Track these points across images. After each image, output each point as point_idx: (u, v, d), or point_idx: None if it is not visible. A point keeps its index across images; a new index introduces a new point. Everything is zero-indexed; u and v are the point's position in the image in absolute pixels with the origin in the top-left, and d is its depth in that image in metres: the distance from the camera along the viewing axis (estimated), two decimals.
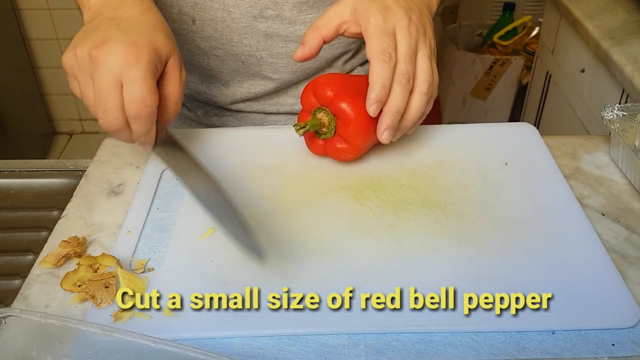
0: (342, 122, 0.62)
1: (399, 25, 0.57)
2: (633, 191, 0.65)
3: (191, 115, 0.83)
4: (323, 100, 0.62)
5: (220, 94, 0.80)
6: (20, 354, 0.44)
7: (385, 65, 0.56)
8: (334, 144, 0.64)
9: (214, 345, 0.48)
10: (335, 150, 0.64)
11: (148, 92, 0.53)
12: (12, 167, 0.70)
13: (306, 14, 0.73)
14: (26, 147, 2.30)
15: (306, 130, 0.63)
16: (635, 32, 1.20)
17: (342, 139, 0.63)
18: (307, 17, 0.73)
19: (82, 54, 0.54)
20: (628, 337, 0.48)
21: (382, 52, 0.56)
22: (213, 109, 0.82)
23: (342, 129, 0.62)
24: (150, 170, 0.66)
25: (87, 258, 0.54)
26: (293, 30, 0.74)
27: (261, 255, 0.51)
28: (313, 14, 0.73)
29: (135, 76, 0.53)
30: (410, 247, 0.56)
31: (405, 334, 0.49)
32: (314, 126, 0.63)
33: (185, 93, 0.81)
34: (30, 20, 2.28)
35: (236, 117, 0.82)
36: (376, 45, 0.56)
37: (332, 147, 0.64)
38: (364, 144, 0.64)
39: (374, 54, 0.56)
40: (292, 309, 0.50)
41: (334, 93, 0.61)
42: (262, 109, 0.82)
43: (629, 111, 0.69)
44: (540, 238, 0.57)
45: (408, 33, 0.57)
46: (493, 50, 2.15)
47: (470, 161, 0.67)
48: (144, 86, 0.53)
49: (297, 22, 0.73)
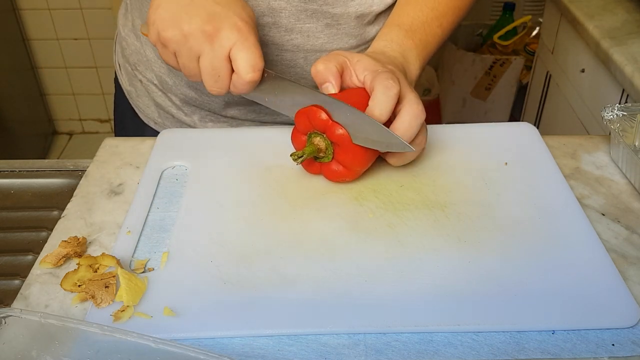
0: (341, 149, 0.60)
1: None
2: (633, 191, 0.65)
3: (187, 120, 0.83)
4: (318, 125, 0.61)
5: (209, 100, 0.79)
6: (20, 354, 0.44)
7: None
8: (330, 166, 0.62)
9: (214, 345, 0.48)
10: (332, 172, 0.63)
11: (259, 58, 0.61)
12: (12, 167, 0.70)
13: (303, 22, 0.72)
14: (26, 147, 2.30)
15: (304, 159, 0.61)
16: (635, 32, 1.20)
17: (340, 164, 0.62)
18: (305, 27, 0.73)
19: (190, 31, 0.59)
20: (628, 337, 0.48)
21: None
22: (209, 115, 0.82)
23: (340, 156, 0.61)
24: (150, 170, 0.66)
25: (87, 258, 0.54)
26: (289, 39, 0.73)
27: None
28: (311, 23, 0.73)
29: (247, 47, 0.60)
30: (410, 247, 0.56)
31: (405, 334, 0.49)
32: (311, 153, 0.62)
33: (179, 97, 0.81)
34: (30, 20, 2.28)
35: (231, 124, 0.82)
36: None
37: (329, 170, 0.63)
38: (362, 169, 0.63)
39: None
40: (292, 309, 0.50)
41: (330, 117, 0.60)
42: (257, 118, 0.81)
43: (629, 111, 0.69)
44: (541, 238, 0.57)
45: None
46: (493, 50, 2.15)
47: (470, 161, 0.67)
48: (256, 54, 0.60)
49: (293, 30, 0.73)
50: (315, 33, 0.73)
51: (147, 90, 0.84)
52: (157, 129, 0.86)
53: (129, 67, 0.85)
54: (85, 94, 2.46)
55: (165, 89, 0.82)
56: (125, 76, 0.88)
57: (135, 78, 0.85)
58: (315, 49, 0.75)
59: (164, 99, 0.83)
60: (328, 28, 0.74)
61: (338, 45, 0.75)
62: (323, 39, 0.74)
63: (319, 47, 0.75)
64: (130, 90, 0.87)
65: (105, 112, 2.53)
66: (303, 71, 0.76)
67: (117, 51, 0.89)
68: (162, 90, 0.82)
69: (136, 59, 0.83)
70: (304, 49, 0.74)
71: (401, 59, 0.68)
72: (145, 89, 0.84)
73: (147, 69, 0.82)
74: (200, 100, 0.80)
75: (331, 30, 0.74)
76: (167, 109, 0.83)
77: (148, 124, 0.87)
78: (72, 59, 2.37)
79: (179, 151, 0.69)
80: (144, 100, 0.85)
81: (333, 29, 0.74)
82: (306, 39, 0.73)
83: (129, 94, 0.88)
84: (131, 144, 0.72)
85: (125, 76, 0.87)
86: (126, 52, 0.84)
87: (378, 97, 0.59)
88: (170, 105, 0.83)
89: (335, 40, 0.75)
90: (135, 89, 0.86)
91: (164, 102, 0.83)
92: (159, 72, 0.80)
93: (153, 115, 0.86)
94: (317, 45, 0.74)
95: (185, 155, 0.69)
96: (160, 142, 0.71)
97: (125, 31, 0.84)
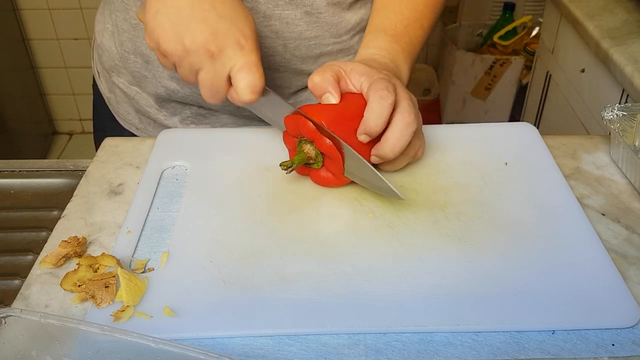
0: (330, 160, 0.61)
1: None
2: (633, 191, 0.65)
3: (168, 122, 0.81)
4: (306, 134, 0.60)
5: (192, 92, 0.78)
6: (20, 354, 0.44)
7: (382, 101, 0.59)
8: (319, 172, 0.63)
9: (214, 345, 0.48)
10: (319, 177, 0.63)
11: (259, 80, 0.60)
12: (12, 167, 0.70)
13: (282, 9, 0.71)
14: (26, 147, 2.30)
15: (294, 169, 0.61)
16: (635, 32, 1.20)
17: (329, 171, 0.62)
18: (284, 13, 0.72)
19: (193, 47, 0.58)
20: (628, 337, 0.48)
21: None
22: (190, 116, 0.81)
23: (330, 166, 0.61)
24: (150, 170, 0.66)
25: (87, 258, 0.54)
26: (267, 25, 0.72)
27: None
28: (290, 10, 0.72)
29: (248, 68, 0.59)
30: (410, 247, 0.56)
31: (405, 334, 0.49)
32: (301, 162, 0.61)
33: (159, 94, 0.80)
34: (30, 20, 2.28)
35: (214, 124, 0.81)
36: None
37: (317, 175, 0.63)
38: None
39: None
40: (292, 309, 0.50)
41: (317, 127, 0.59)
42: (238, 112, 0.80)
43: (629, 111, 0.69)
44: (541, 238, 0.57)
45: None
46: (493, 50, 2.15)
47: (470, 161, 0.67)
48: (256, 75, 0.59)
49: (272, 17, 0.72)
50: (295, 20, 0.73)
51: (126, 96, 0.83)
52: (138, 134, 0.85)
53: (106, 74, 0.84)
54: (85, 94, 2.46)
55: (143, 86, 0.80)
56: (104, 83, 0.87)
57: (114, 85, 0.84)
58: (294, 37, 0.74)
59: (143, 101, 0.81)
60: (307, 16, 0.73)
61: (317, 33, 0.75)
62: (302, 27, 0.73)
63: (297, 34, 0.74)
64: (109, 97, 0.86)
65: None
66: (282, 59, 0.75)
67: (94, 58, 0.88)
68: (139, 91, 0.81)
69: (112, 66, 0.82)
70: (283, 36, 0.73)
71: (392, 65, 0.69)
72: (125, 95, 0.83)
73: (123, 71, 0.81)
74: (182, 92, 0.78)
75: (310, 17, 0.73)
76: (146, 113, 0.82)
77: (129, 129, 0.86)
78: (72, 59, 2.37)
79: (179, 151, 0.69)
80: (124, 106, 0.85)
81: (313, 17, 0.74)
82: (285, 26, 0.73)
83: (109, 101, 0.87)
84: (131, 144, 0.72)
85: (105, 83, 0.87)
86: (103, 58, 0.83)
87: (373, 108, 0.59)
88: (149, 107, 0.81)
89: (315, 28, 0.74)
90: (114, 96, 0.85)
91: (143, 105, 0.82)
92: (134, 69, 0.79)
93: (134, 121, 0.85)
94: (296, 32, 0.74)
95: (185, 155, 0.69)
96: (160, 142, 0.71)
97: (101, 38, 0.82)
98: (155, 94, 0.80)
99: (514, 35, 2.12)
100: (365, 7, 0.79)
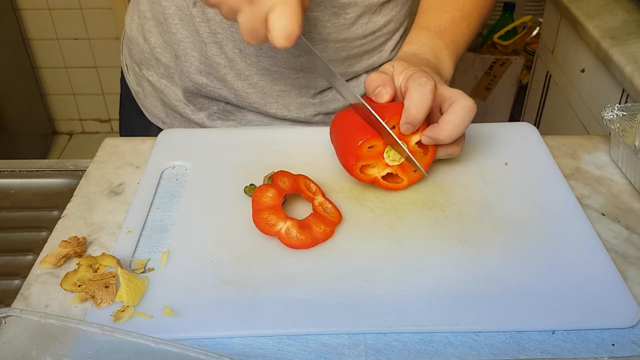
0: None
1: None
2: (633, 191, 0.65)
3: (195, 118, 0.82)
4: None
5: (223, 87, 0.78)
6: (20, 354, 0.44)
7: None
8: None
9: (214, 345, 0.48)
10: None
11: (293, 26, 0.56)
12: (12, 167, 0.70)
13: (310, 10, 0.70)
14: (26, 147, 2.30)
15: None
16: (635, 32, 1.20)
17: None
18: (312, 15, 0.71)
19: None
20: (628, 337, 0.48)
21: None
22: (217, 112, 0.81)
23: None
24: (150, 170, 0.66)
25: (87, 258, 0.54)
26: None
27: None
28: (318, 11, 0.71)
29: (284, 13, 0.56)
30: (410, 247, 0.56)
31: (405, 334, 0.49)
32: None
33: (189, 87, 0.80)
34: (30, 20, 2.28)
35: (240, 122, 0.82)
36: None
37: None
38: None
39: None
40: (292, 309, 0.50)
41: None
42: (264, 109, 0.80)
43: (629, 111, 0.69)
44: (540, 238, 0.57)
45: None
46: (493, 50, 2.15)
47: (470, 161, 0.67)
48: (293, 22, 0.56)
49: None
50: (322, 22, 0.72)
51: (155, 90, 0.84)
52: (164, 128, 0.86)
53: (136, 67, 0.85)
54: (85, 94, 2.47)
55: (172, 80, 0.81)
56: (132, 77, 0.88)
57: (143, 78, 0.85)
58: (321, 39, 0.74)
59: (172, 94, 0.82)
60: (335, 17, 0.73)
61: (345, 36, 0.75)
62: (330, 29, 0.73)
63: (325, 36, 0.74)
64: (137, 90, 0.87)
65: (105, 112, 2.53)
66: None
67: (124, 52, 0.89)
68: (169, 84, 0.82)
69: (142, 58, 0.83)
70: (310, 37, 0.73)
71: (434, 60, 0.68)
72: (153, 88, 0.84)
73: (153, 63, 0.81)
74: (211, 86, 0.78)
75: (338, 19, 0.73)
76: (174, 107, 0.83)
77: (155, 123, 0.87)
78: (72, 59, 2.38)
79: (179, 151, 0.69)
80: (152, 100, 0.86)
81: (340, 18, 0.73)
82: (312, 28, 0.73)
83: (137, 94, 0.88)
84: (131, 144, 0.72)
85: (133, 77, 0.87)
86: (133, 51, 0.84)
87: (413, 95, 0.58)
88: (177, 101, 0.82)
89: (343, 31, 0.74)
90: (142, 89, 0.86)
91: (172, 99, 0.82)
92: (167, 61, 0.80)
93: (161, 115, 0.86)
94: (324, 34, 0.73)
95: (185, 155, 0.69)
96: (160, 142, 0.71)
97: (131, 31, 0.83)
98: (184, 88, 0.80)
99: (514, 35, 2.12)
100: (396, 9, 0.78)
